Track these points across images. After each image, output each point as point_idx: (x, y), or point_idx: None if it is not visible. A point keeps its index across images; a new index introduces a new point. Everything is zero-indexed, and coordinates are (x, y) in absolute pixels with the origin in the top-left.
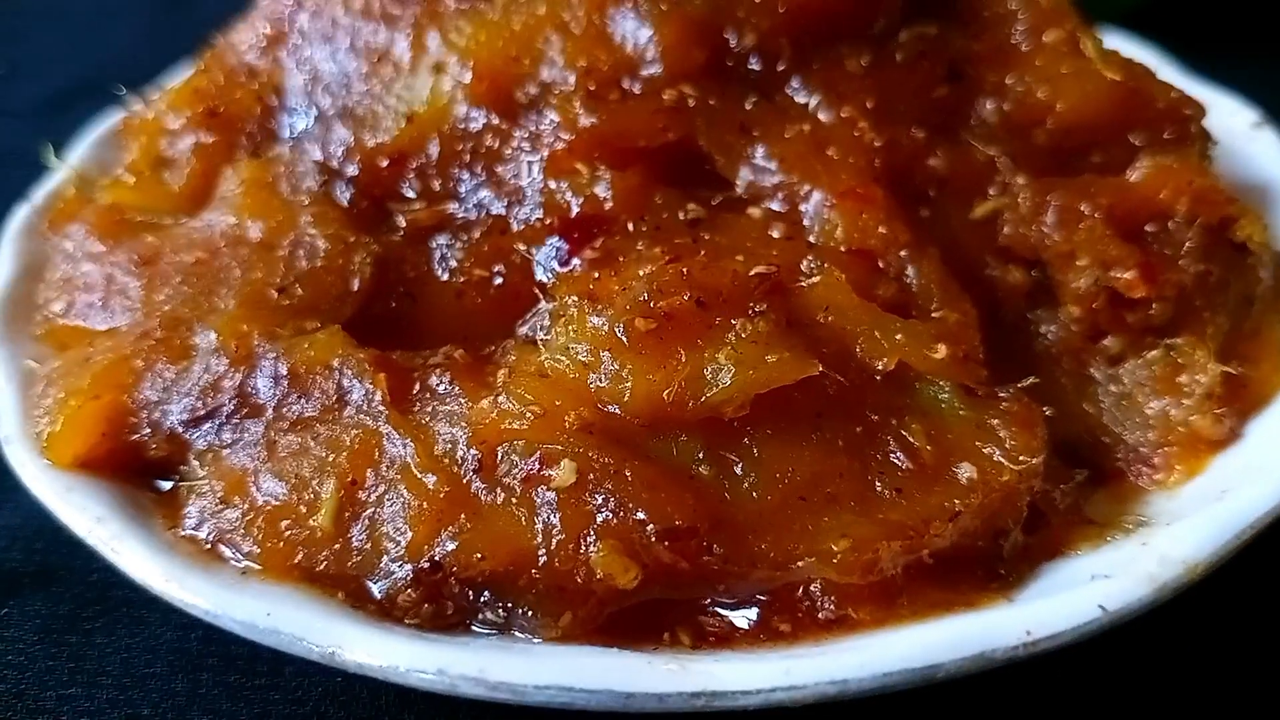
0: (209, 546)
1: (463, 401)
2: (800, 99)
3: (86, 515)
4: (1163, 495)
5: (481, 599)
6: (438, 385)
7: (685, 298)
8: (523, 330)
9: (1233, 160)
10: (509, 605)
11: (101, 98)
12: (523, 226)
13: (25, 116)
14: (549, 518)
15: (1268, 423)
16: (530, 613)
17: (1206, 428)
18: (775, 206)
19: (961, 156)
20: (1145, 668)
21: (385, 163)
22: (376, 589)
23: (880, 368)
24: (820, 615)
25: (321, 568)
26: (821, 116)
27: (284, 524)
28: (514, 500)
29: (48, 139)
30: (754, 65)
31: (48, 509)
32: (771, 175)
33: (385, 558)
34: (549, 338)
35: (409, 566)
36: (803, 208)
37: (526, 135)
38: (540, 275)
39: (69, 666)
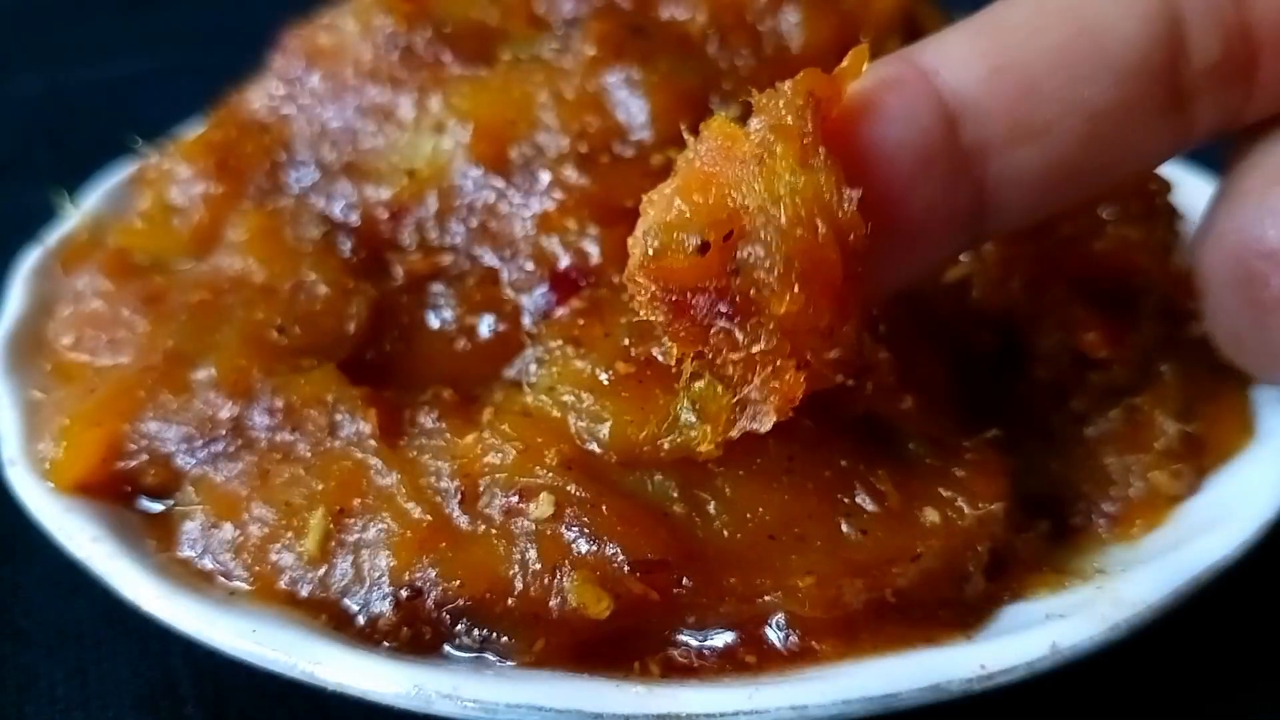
0: (199, 569)
1: (449, 437)
2: None
3: (84, 535)
4: (1122, 546)
5: (459, 624)
6: (426, 422)
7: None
8: (510, 373)
9: None
10: (485, 631)
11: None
12: (514, 278)
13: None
14: (526, 548)
15: (1225, 479)
16: (506, 639)
17: (1165, 483)
18: None
19: None
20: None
21: (386, 216)
22: (358, 613)
23: (850, 416)
24: (785, 648)
25: (306, 592)
26: None
27: (272, 549)
28: (494, 531)
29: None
30: None
31: (46, 529)
32: None
33: (367, 583)
34: (534, 380)
35: (390, 591)
36: None
37: (520, 193)
38: (528, 323)
39: None
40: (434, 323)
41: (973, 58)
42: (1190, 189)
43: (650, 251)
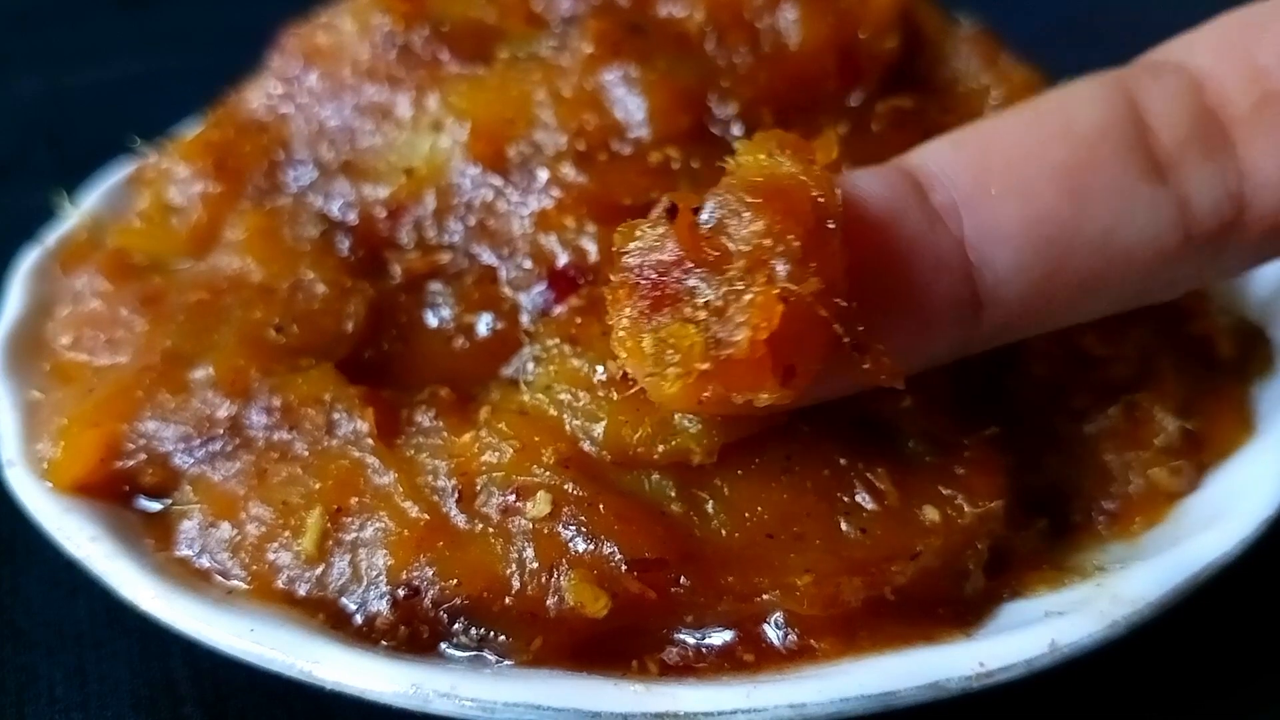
0: (197, 568)
1: (446, 436)
2: None
3: (82, 534)
4: (1122, 543)
5: (456, 623)
6: (423, 421)
7: None
8: (507, 372)
9: None
10: (483, 630)
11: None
12: (512, 276)
13: None
14: (524, 547)
15: (1226, 476)
16: (503, 637)
17: (1164, 480)
18: None
19: None
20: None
21: (384, 214)
22: (356, 612)
23: (849, 414)
24: (783, 647)
25: (304, 591)
26: None
27: (270, 548)
28: (491, 530)
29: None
30: (736, 131)
31: (45, 529)
32: None
33: (365, 582)
34: (531, 378)
35: (388, 590)
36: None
37: (519, 191)
38: (526, 321)
39: None
40: (432, 321)
41: (936, 144)
42: None
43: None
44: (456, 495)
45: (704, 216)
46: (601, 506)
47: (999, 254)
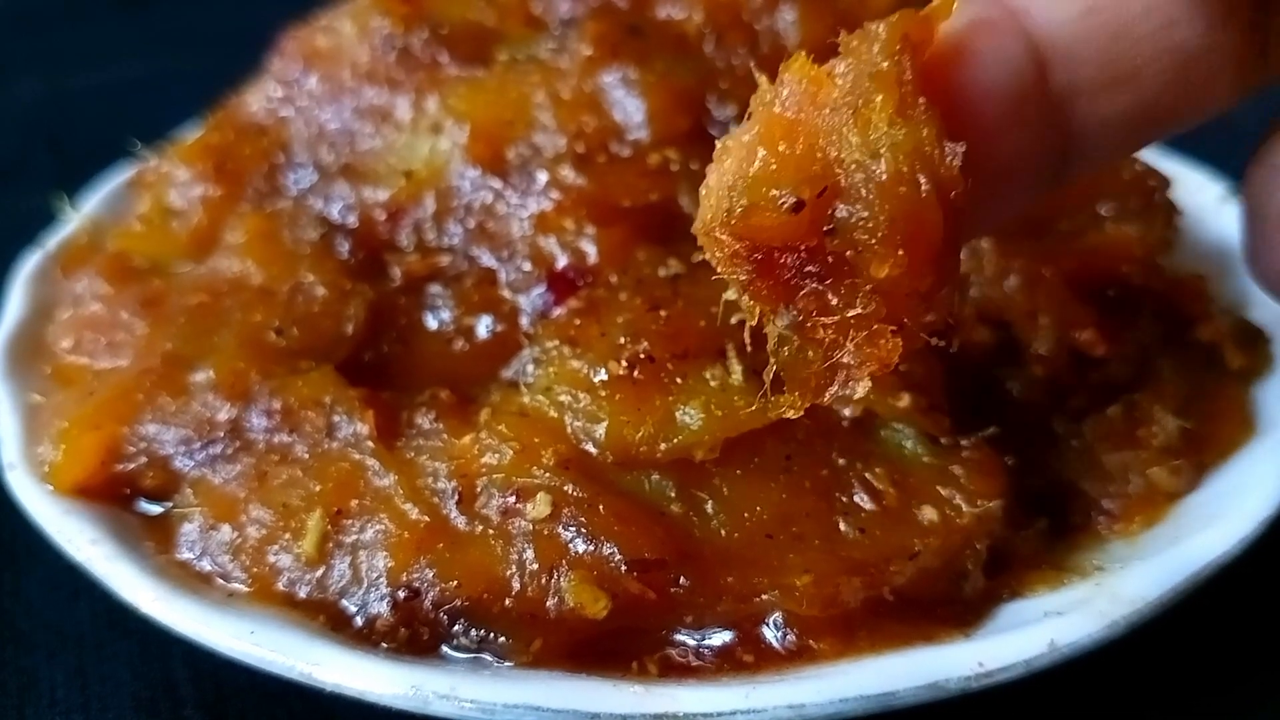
0: (198, 571)
1: (446, 438)
2: None
3: (83, 537)
4: (1121, 543)
5: (456, 625)
6: (423, 423)
7: (662, 344)
8: (507, 374)
9: (1201, 229)
10: (483, 631)
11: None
12: (511, 278)
13: None
14: (524, 548)
15: (1225, 476)
16: (503, 639)
17: (1164, 480)
18: None
19: None
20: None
21: (383, 217)
22: (356, 614)
23: (848, 414)
24: (782, 647)
25: (304, 593)
26: None
27: (270, 550)
28: (491, 531)
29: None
30: None
31: (45, 532)
32: None
33: (365, 584)
34: (531, 380)
35: (388, 592)
36: None
37: (518, 193)
38: (525, 323)
39: None
40: (432, 324)
41: None
42: (1189, 185)
43: (738, 209)
44: (457, 497)
45: (838, 216)
46: (601, 507)
47: (1101, 142)
